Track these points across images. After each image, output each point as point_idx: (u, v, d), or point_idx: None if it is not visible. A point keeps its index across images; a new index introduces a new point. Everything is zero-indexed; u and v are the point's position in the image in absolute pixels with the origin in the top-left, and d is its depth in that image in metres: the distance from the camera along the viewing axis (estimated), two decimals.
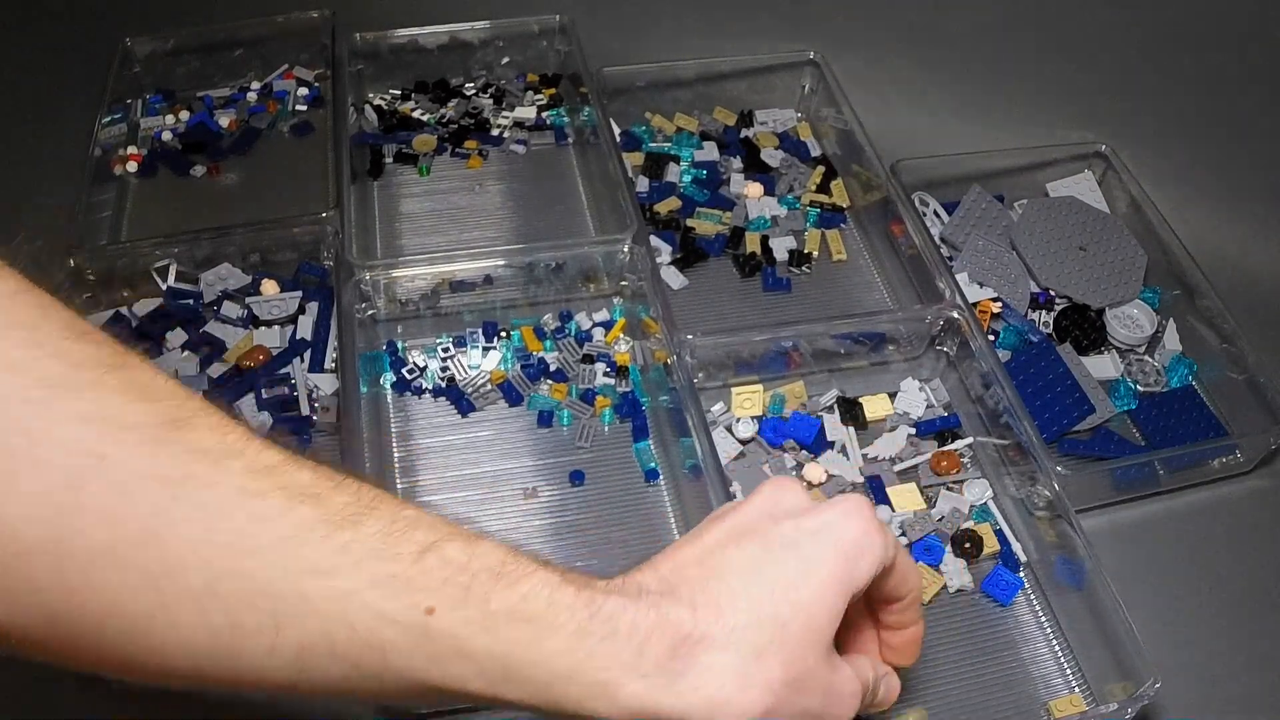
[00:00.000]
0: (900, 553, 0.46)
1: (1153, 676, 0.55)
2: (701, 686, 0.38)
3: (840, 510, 0.43)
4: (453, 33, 0.93)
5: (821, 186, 0.88)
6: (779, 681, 0.39)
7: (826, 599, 0.41)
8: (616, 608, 0.38)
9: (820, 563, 0.41)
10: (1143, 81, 0.88)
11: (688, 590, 0.40)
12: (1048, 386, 0.72)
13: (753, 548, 0.42)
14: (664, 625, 0.38)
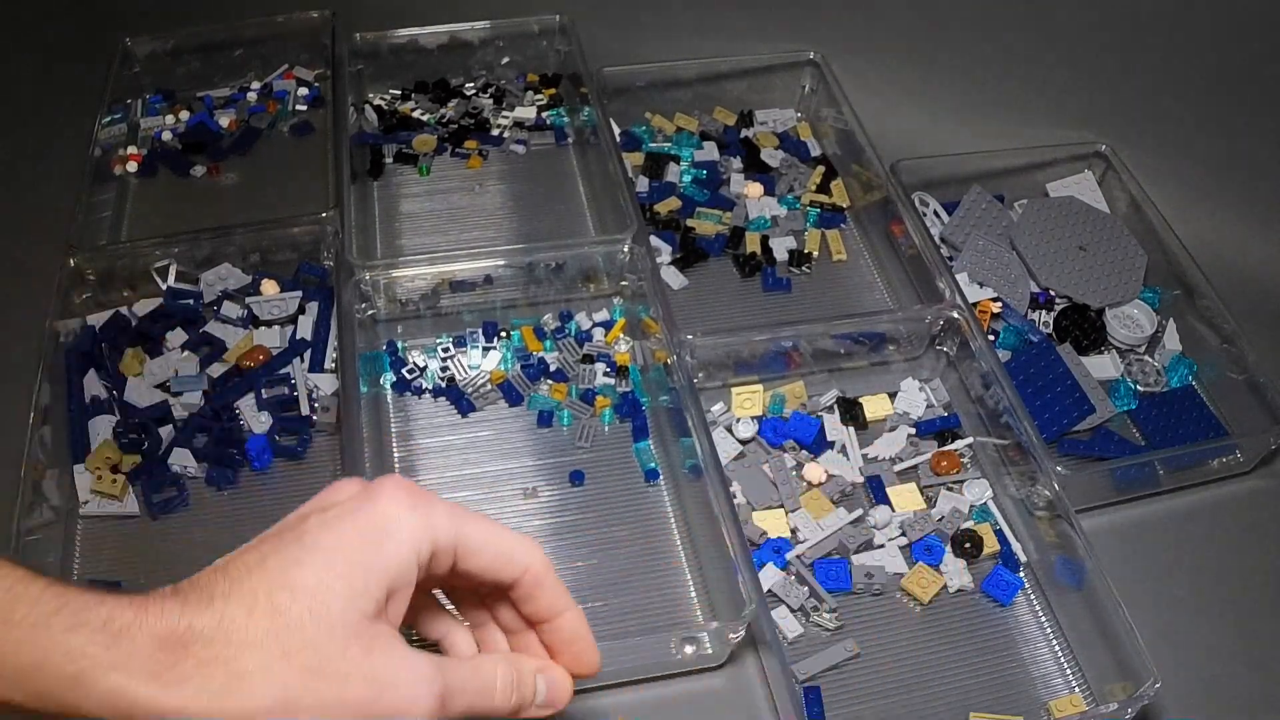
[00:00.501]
0: (475, 529, 0.42)
1: (1153, 676, 0.55)
2: (193, 680, 0.36)
3: (368, 493, 0.41)
4: (453, 33, 0.93)
5: (821, 186, 0.88)
6: (285, 671, 0.37)
7: (335, 582, 0.38)
8: (92, 602, 0.36)
9: (325, 546, 0.39)
10: (1143, 81, 0.88)
11: (194, 590, 0.38)
12: (1048, 386, 0.72)
13: (267, 545, 0.40)
14: (149, 620, 0.36)
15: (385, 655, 0.39)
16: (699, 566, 0.65)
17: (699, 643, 0.60)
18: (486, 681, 0.44)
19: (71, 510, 0.66)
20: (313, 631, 0.38)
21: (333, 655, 0.38)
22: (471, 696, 0.43)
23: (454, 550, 0.42)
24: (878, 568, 0.65)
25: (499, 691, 0.44)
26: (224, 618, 0.37)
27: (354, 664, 0.38)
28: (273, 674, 0.37)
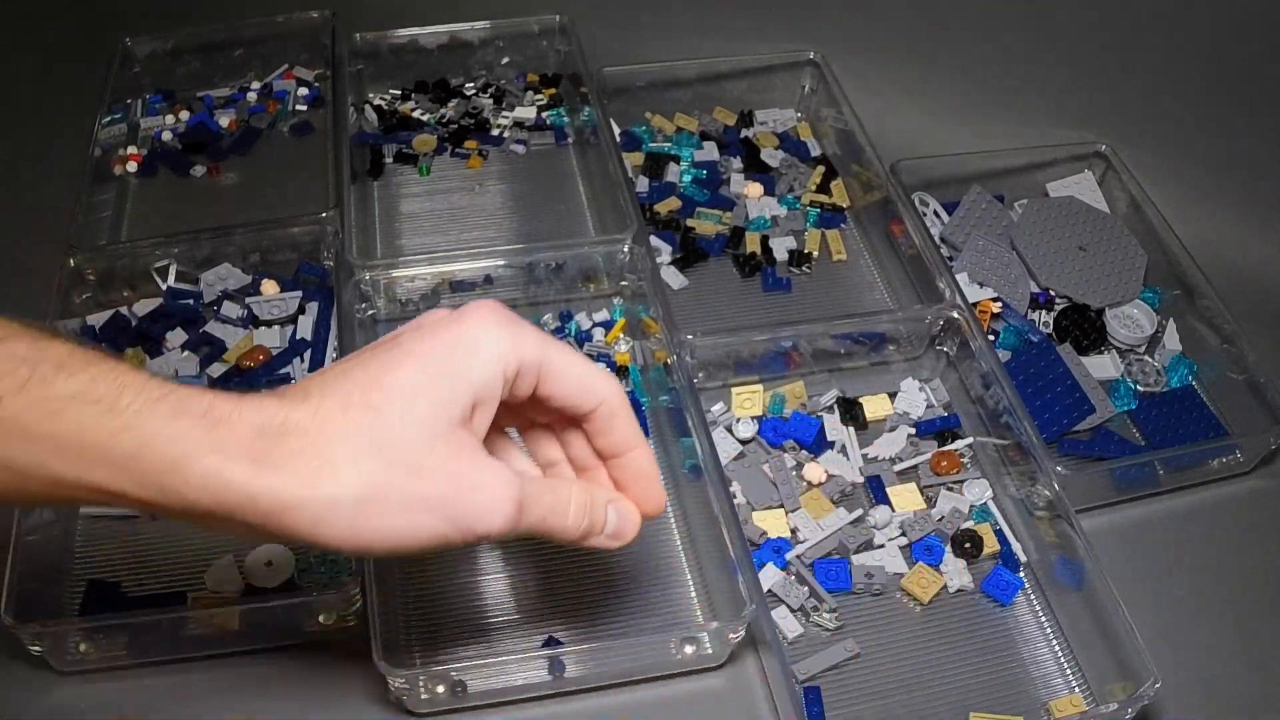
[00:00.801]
0: (559, 355, 0.45)
1: (1153, 676, 0.55)
2: (286, 465, 0.39)
3: (459, 314, 0.44)
4: (453, 33, 0.93)
5: (821, 186, 0.88)
6: (377, 454, 0.40)
7: (426, 386, 0.41)
8: (194, 393, 0.39)
9: (418, 354, 0.42)
10: (1143, 81, 0.88)
11: (291, 391, 0.41)
12: (1048, 386, 0.72)
13: (364, 354, 0.43)
14: (247, 410, 0.39)
15: (469, 459, 0.42)
16: (699, 566, 0.65)
17: (699, 643, 0.60)
18: (561, 500, 0.46)
19: (71, 510, 0.66)
20: (402, 429, 0.40)
21: (419, 452, 0.40)
22: (545, 512, 0.45)
23: (538, 372, 0.44)
24: (878, 568, 0.65)
25: (572, 512, 0.46)
26: (319, 412, 0.40)
27: (439, 463, 0.41)
28: (361, 465, 0.39)
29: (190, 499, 0.39)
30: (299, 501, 0.39)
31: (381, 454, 0.40)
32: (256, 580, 0.63)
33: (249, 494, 0.38)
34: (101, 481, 0.39)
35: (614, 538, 0.48)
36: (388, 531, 0.40)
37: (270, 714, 0.59)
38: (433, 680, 0.57)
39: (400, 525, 0.40)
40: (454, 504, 0.41)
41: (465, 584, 0.64)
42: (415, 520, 0.41)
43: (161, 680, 0.60)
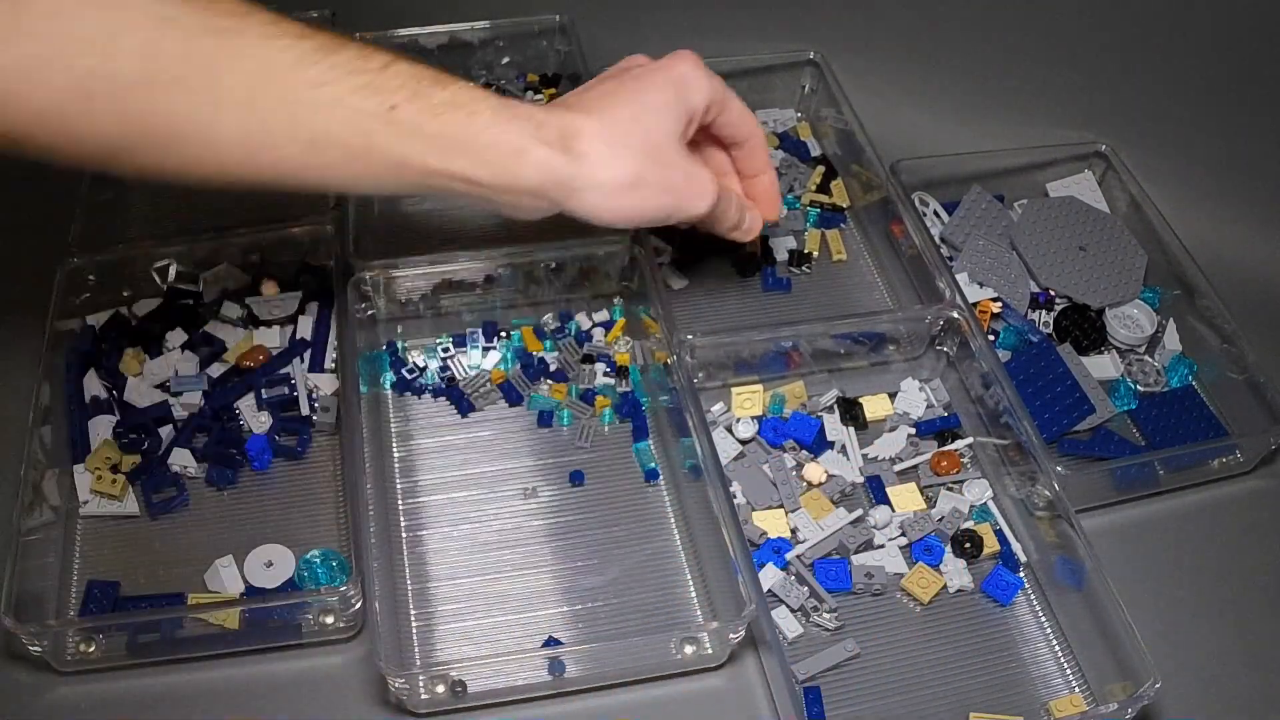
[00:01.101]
0: (732, 100, 0.63)
1: (1153, 676, 0.55)
2: (585, 154, 0.55)
3: (673, 58, 0.61)
4: (453, 33, 0.93)
5: (821, 186, 0.88)
6: (640, 152, 0.57)
7: (664, 107, 0.59)
8: (516, 104, 0.55)
9: (655, 84, 0.59)
10: (1143, 81, 0.88)
11: (577, 105, 0.58)
12: (1048, 386, 0.72)
13: (611, 82, 0.60)
14: (553, 117, 0.55)
15: (691, 159, 0.61)
16: (699, 566, 0.65)
17: (699, 643, 0.60)
18: (728, 198, 0.64)
19: (71, 510, 0.66)
20: (656, 136, 0.58)
21: (667, 151, 0.59)
22: (723, 203, 0.63)
23: (720, 108, 0.63)
24: (878, 568, 0.65)
25: (734, 205, 0.65)
26: (602, 121, 0.56)
27: (677, 158, 0.59)
28: (632, 158, 0.57)
29: (524, 178, 0.54)
30: (595, 183, 0.56)
31: (644, 152, 0.57)
32: (256, 580, 0.63)
33: (566, 175, 0.55)
34: (463, 169, 0.53)
35: (745, 232, 0.67)
36: (642, 207, 0.58)
37: (269, 714, 0.59)
38: (433, 680, 0.58)
39: (651, 203, 0.58)
40: (683, 188, 0.60)
41: (465, 584, 0.64)
42: (660, 199, 0.59)
43: (161, 680, 0.60)
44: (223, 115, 0.49)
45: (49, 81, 0.45)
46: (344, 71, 0.50)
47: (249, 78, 0.49)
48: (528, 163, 0.54)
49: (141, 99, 0.47)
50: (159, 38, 0.47)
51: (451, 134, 0.52)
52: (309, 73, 0.50)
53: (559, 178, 0.55)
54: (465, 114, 0.53)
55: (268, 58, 0.49)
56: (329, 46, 0.51)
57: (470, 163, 0.53)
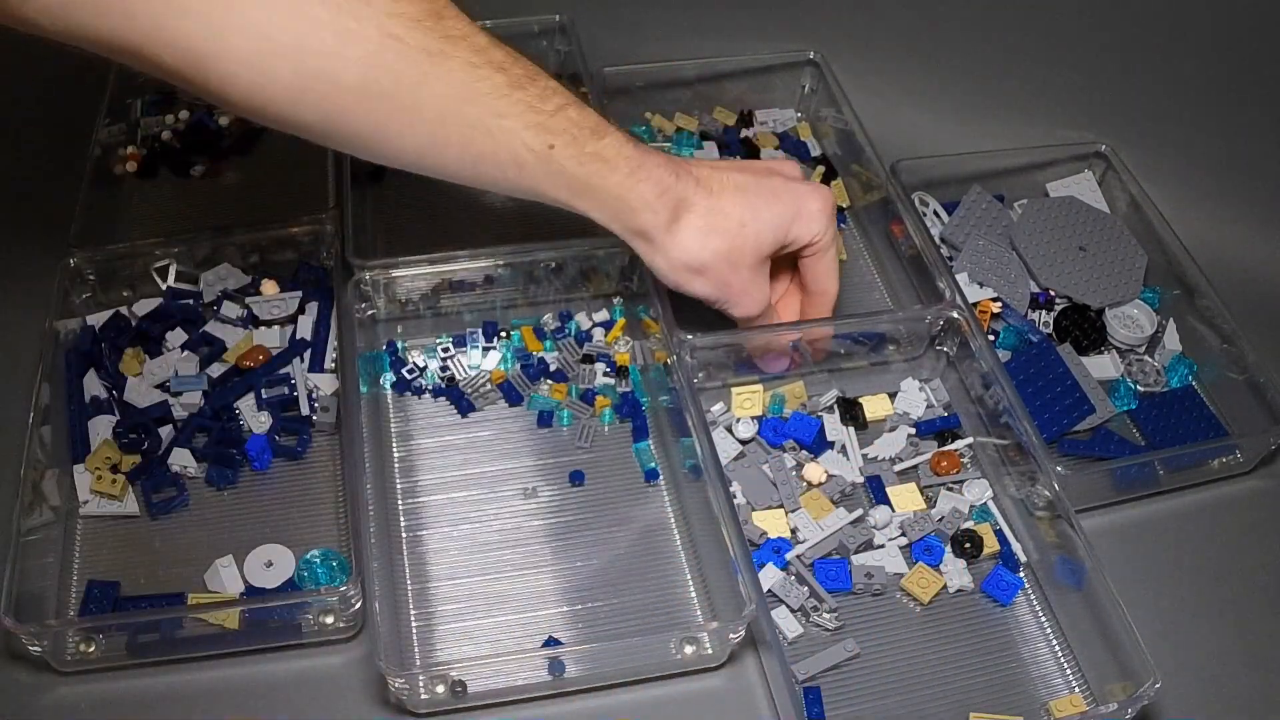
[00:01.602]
0: (829, 253, 0.68)
1: (1153, 676, 0.55)
2: (680, 229, 0.62)
3: (811, 187, 0.66)
4: None
5: None
6: (723, 250, 0.63)
7: (771, 225, 0.64)
8: (654, 165, 0.61)
9: (780, 201, 0.64)
10: (1143, 81, 0.88)
11: (696, 175, 0.62)
12: (1048, 386, 0.72)
13: (751, 177, 0.65)
14: (678, 186, 0.61)
15: (759, 274, 0.66)
16: (699, 566, 0.65)
17: (699, 643, 0.60)
18: (769, 318, 0.70)
19: (71, 510, 0.66)
20: (746, 244, 0.63)
21: (746, 258, 0.64)
22: (760, 320, 0.69)
23: (815, 254, 0.68)
24: (878, 568, 0.65)
25: (771, 314, 0.70)
26: (711, 208, 0.62)
27: (747, 268, 0.64)
28: (713, 252, 0.63)
29: (628, 226, 0.62)
30: (669, 252, 0.63)
31: (726, 253, 0.63)
32: (256, 580, 0.63)
33: (655, 232, 0.62)
34: (585, 209, 0.61)
35: (756, 351, 0.72)
36: (691, 287, 0.65)
37: (269, 714, 0.59)
38: (433, 680, 0.58)
39: (701, 289, 0.65)
40: (735, 293, 0.65)
41: (465, 584, 0.64)
42: (710, 290, 0.65)
43: (161, 680, 0.60)
44: (413, 129, 0.56)
45: (276, 74, 0.51)
46: (524, 108, 0.56)
47: (446, 101, 0.55)
48: (637, 219, 0.61)
49: (351, 104, 0.54)
50: (381, 52, 0.52)
51: (588, 181, 0.59)
52: (496, 105, 0.56)
53: (651, 234, 0.62)
54: (607, 167, 0.59)
55: (466, 85, 0.55)
56: (519, 83, 0.56)
57: (593, 205, 0.61)
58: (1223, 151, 0.87)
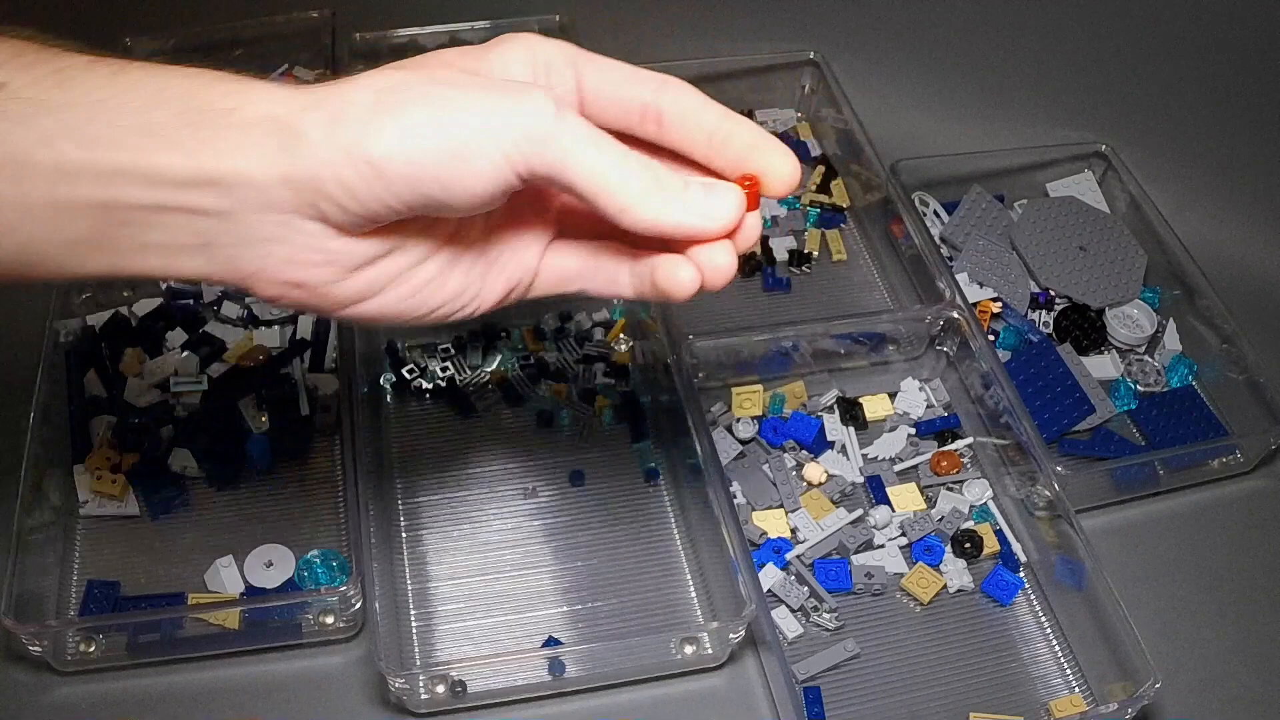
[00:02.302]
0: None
1: (1153, 676, 0.55)
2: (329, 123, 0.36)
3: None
4: (452, 33, 0.93)
5: (821, 186, 0.88)
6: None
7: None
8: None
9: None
10: (1143, 81, 0.88)
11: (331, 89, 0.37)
12: (1048, 386, 0.72)
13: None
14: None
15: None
16: (699, 566, 0.65)
17: (699, 643, 0.60)
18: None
19: (71, 510, 0.66)
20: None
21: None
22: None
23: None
24: (878, 568, 0.65)
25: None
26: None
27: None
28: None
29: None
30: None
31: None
32: (256, 580, 0.63)
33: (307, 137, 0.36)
34: (139, 159, 0.35)
35: (706, 218, 0.41)
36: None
37: (269, 714, 0.59)
38: (433, 680, 0.58)
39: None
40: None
41: (465, 584, 0.64)
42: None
43: (161, 680, 0.60)
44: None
45: None
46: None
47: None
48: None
49: None
50: None
51: (98, 99, 0.34)
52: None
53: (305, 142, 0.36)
54: (112, 71, 0.36)
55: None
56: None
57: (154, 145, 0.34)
58: (1223, 151, 0.87)
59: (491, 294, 0.44)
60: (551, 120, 0.37)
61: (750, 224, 0.45)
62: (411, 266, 0.41)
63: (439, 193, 0.37)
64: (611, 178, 0.38)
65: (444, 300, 0.42)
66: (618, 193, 0.38)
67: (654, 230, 0.40)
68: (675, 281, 0.42)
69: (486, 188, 0.37)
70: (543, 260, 0.45)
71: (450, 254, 0.42)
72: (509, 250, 0.44)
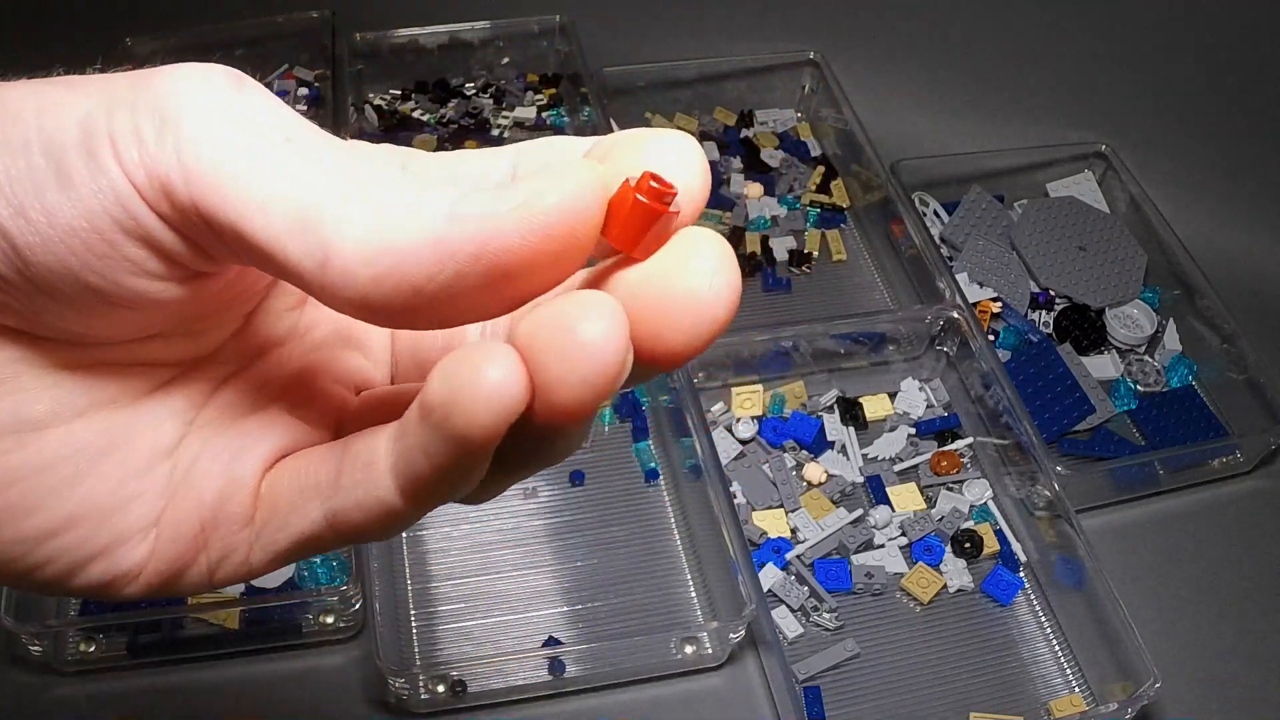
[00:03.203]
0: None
1: (1153, 676, 0.55)
2: None
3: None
4: (453, 33, 0.93)
5: (821, 186, 0.88)
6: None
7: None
8: None
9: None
10: (1143, 81, 0.88)
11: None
12: (1048, 386, 0.72)
13: None
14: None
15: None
16: (699, 566, 0.65)
17: (699, 643, 0.60)
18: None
19: None
20: None
21: None
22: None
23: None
24: (878, 568, 0.65)
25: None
26: None
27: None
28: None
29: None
30: None
31: None
32: (256, 580, 0.63)
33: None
34: None
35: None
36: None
37: (269, 714, 0.59)
38: (433, 680, 0.58)
39: None
40: None
41: (465, 584, 0.64)
42: None
43: (161, 680, 0.60)
44: None
45: None
46: None
47: None
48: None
49: None
50: None
51: None
52: None
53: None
54: None
55: None
56: None
57: None
58: (1223, 151, 0.87)
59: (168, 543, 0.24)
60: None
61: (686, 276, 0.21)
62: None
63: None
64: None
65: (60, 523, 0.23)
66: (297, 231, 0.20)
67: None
68: (472, 386, 0.20)
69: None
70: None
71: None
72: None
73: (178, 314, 0.23)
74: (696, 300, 0.20)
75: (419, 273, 0.19)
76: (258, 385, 0.26)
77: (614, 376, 0.19)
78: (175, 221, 0.21)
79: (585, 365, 0.19)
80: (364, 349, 0.28)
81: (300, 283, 0.21)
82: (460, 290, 0.20)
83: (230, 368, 0.26)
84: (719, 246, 0.20)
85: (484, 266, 0.19)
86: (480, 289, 0.20)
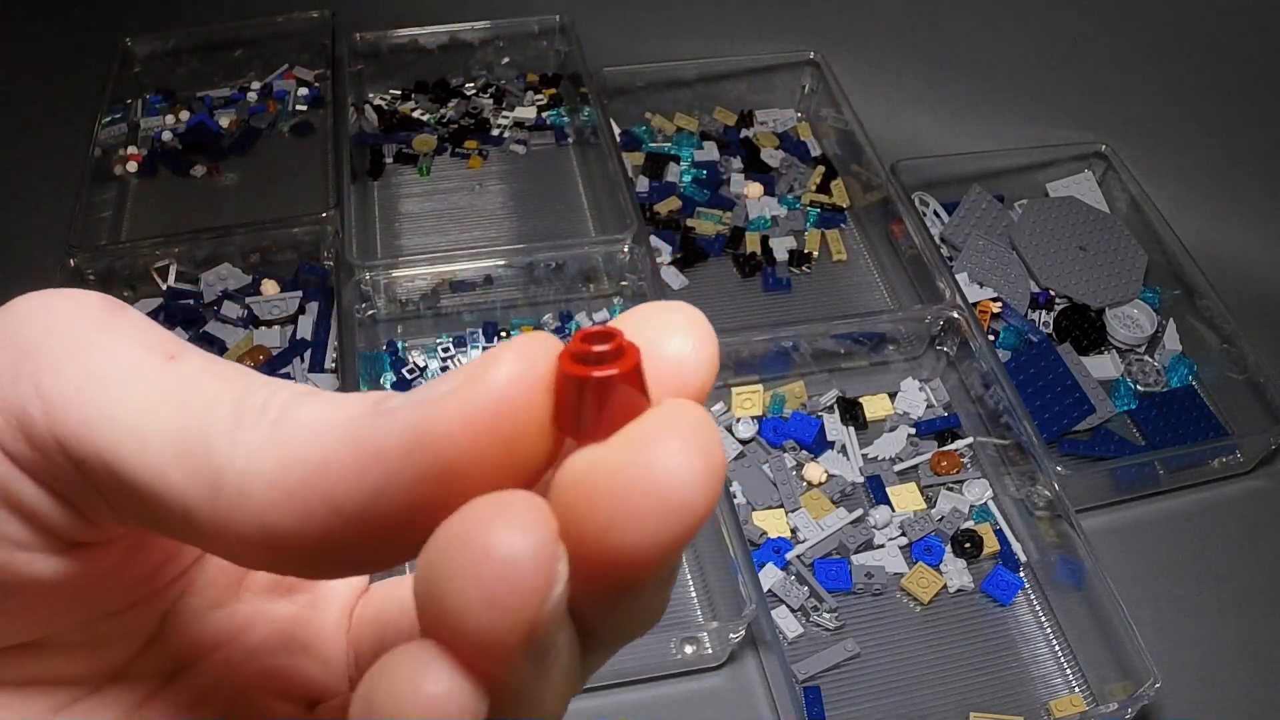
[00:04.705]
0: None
1: (1153, 676, 0.55)
2: None
3: None
4: (453, 33, 0.93)
5: (821, 186, 0.88)
6: None
7: None
8: None
9: None
10: (1143, 81, 0.88)
11: None
12: (1048, 386, 0.72)
13: None
14: None
15: None
16: (699, 566, 0.65)
17: (699, 643, 0.60)
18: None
19: None
20: None
21: None
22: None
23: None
24: (878, 568, 0.65)
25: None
26: None
27: None
28: None
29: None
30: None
31: None
32: None
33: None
34: None
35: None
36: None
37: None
38: None
39: None
40: None
41: None
42: None
43: None
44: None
45: None
46: None
47: None
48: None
49: None
50: None
51: None
52: None
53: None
54: None
55: None
56: None
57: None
58: (1223, 151, 0.87)
59: None
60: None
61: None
62: None
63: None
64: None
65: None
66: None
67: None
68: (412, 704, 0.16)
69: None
70: None
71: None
72: None
73: (66, 603, 0.18)
74: (655, 484, 0.15)
75: (337, 484, 0.16)
76: (183, 707, 0.21)
77: (529, 598, 0.14)
78: (37, 468, 0.17)
79: (490, 586, 0.14)
80: (312, 650, 0.23)
81: (190, 526, 0.16)
82: (390, 505, 0.16)
83: (147, 687, 0.21)
84: (696, 419, 0.16)
85: (419, 465, 0.15)
86: (416, 503, 0.16)
